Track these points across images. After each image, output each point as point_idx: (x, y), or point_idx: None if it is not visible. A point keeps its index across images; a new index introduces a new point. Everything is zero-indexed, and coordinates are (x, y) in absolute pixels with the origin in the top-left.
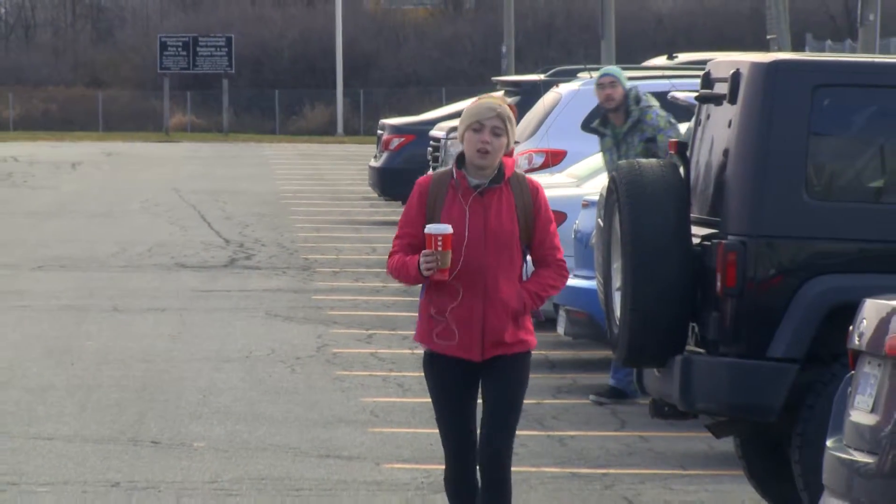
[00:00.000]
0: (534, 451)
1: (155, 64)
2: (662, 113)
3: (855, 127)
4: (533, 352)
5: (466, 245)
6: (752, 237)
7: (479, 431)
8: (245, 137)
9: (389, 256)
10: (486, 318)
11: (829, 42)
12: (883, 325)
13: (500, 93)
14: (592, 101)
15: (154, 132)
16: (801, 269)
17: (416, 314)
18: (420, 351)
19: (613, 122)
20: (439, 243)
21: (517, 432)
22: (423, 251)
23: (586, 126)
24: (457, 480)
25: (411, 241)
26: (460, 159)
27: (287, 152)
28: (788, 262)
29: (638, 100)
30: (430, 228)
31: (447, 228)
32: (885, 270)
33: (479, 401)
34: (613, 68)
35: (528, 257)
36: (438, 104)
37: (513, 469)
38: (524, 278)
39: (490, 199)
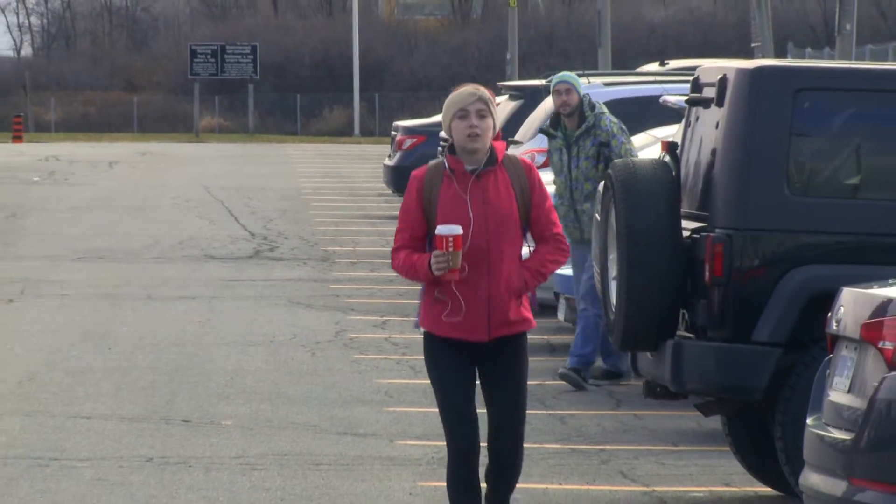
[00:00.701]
0: (536, 429)
1: (185, 70)
2: (614, 120)
3: (833, 128)
4: (535, 336)
5: (472, 227)
6: (738, 230)
7: (489, 416)
8: (269, 138)
9: (393, 252)
10: (491, 297)
11: (808, 49)
12: (858, 312)
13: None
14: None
15: (185, 133)
16: (783, 260)
17: None
18: None
19: (566, 125)
20: (450, 244)
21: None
22: (434, 252)
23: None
24: (460, 480)
25: (412, 233)
26: (451, 149)
27: (308, 152)
28: (771, 253)
29: (592, 106)
30: (441, 230)
31: (457, 229)
32: (861, 261)
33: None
34: (570, 75)
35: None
36: None
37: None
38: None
39: (487, 181)
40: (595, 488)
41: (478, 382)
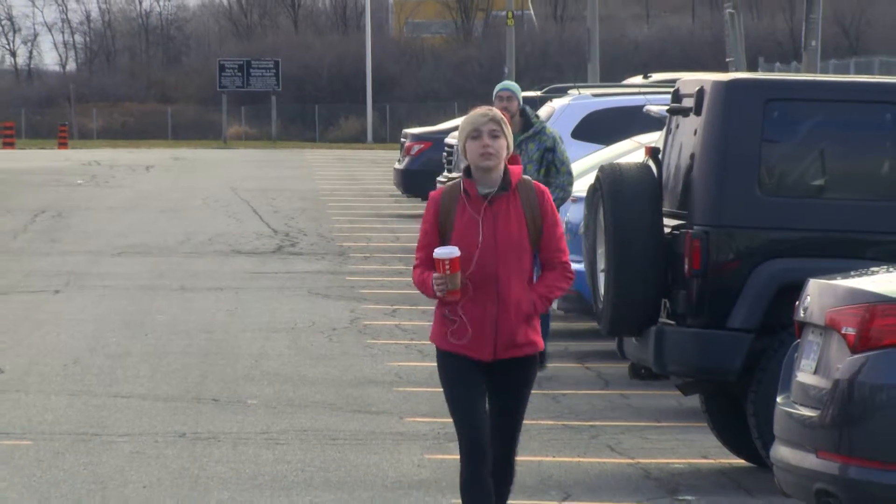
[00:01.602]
0: (532, 407)
1: (215, 83)
2: (553, 128)
3: (800, 134)
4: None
5: (479, 251)
6: (715, 227)
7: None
8: (290, 144)
9: (413, 269)
10: (498, 321)
11: (777, 64)
12: (824, 301)
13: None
14: (581, 113)
15: (214, 140)
16: (755, 254)
17: None
18: None
19: None
20: (447, 267)
21: None
22: (434, 274)
23: (581, 134)
24: (473, 485)
25: (429, 252)
26: (467, 171)
27: (325, 157)
28: (744, 248)
29: (538, 115)
30: (438, 253)
31: (454, 252)
32: (826, 255)
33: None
34: (512, 84)
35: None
36: (452, 116)
37: None
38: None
39: (499, 206)
40: (585, 461)
41: None
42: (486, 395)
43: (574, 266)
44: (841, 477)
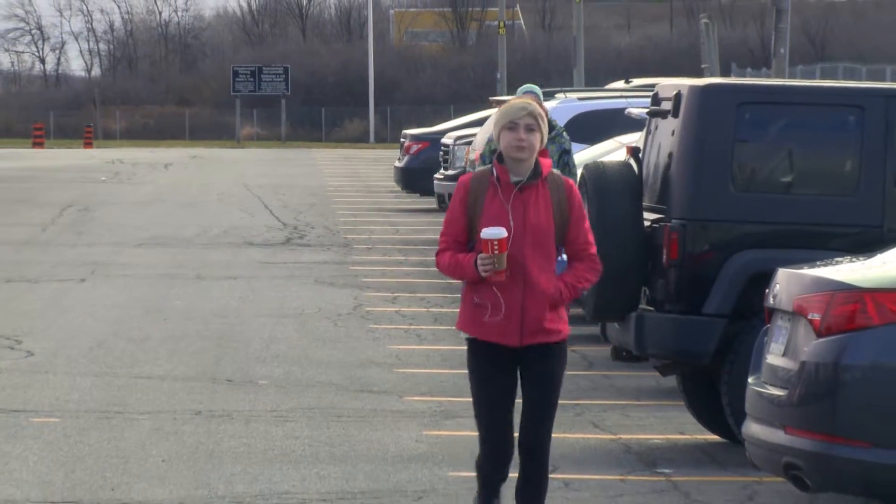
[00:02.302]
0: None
1: (229, 88)
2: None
3: (770, 135)
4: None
5: (510, 237)
6: (691, 221)
7: (522, 408)
8: (298, 144)
9: (438, 254)
10: (525, 307)
11: (749, 70)
12: (792, 289)
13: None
14: (567, 115)
15: (228, 140)
16: (728, 246)
17: (431, 280)
18: (435, 309)
19: None
20: (495, 247)
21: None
22: (480, 255)
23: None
24: (490, 470)
25: (457, 237)
26: (500, 157)
27: (331, 156)
28: (718, 240)
29: (553, 119)
30: (486, 233)
31: (502, 232)
32: (794, 246)
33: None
34: (535, 87)
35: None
36: (448, 118)
37: None
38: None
39: (529, 195)
40: (571, 436)
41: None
42: (516, 387)
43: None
44: (807, 451)
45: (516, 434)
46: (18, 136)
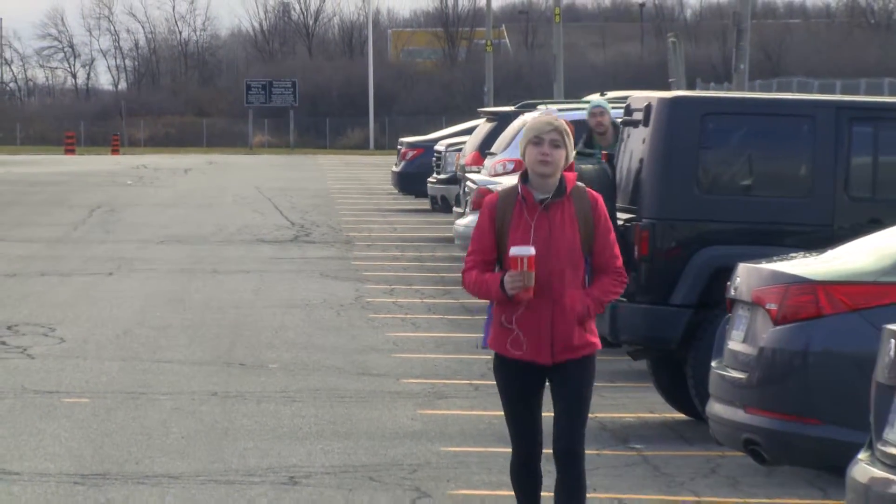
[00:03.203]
0: None
1: (242, 100)
2: None
3: (731, 142)
4: None
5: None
6: (660, 220)
7: (554, 418)
8: (305, 151)
9: (465, 272)
10: (554, 324)
11: (712, 84)
12: (751, 282)
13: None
14: None
15: (241, 148)
16: (693, 243)
17: (426, 274)
18: (429, 300)
19: (600, 143)
20: (524, 264)
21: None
22: (509, 272)
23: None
24: (523, 472)
25: (484, 257)
26: (524, 176)
27: (334, 161)
28: (685, 237)
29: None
30: (515, 251)
31: (531, 250)
32: (753, 243)
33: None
34: (603, 101)
35: None
36: (440, 127)
37: (483, 385)
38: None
39: (554, 212)
40: (550, 415)
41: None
42: (543, 395)
43: None
44: (765, 428)
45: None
46: (52, 144)
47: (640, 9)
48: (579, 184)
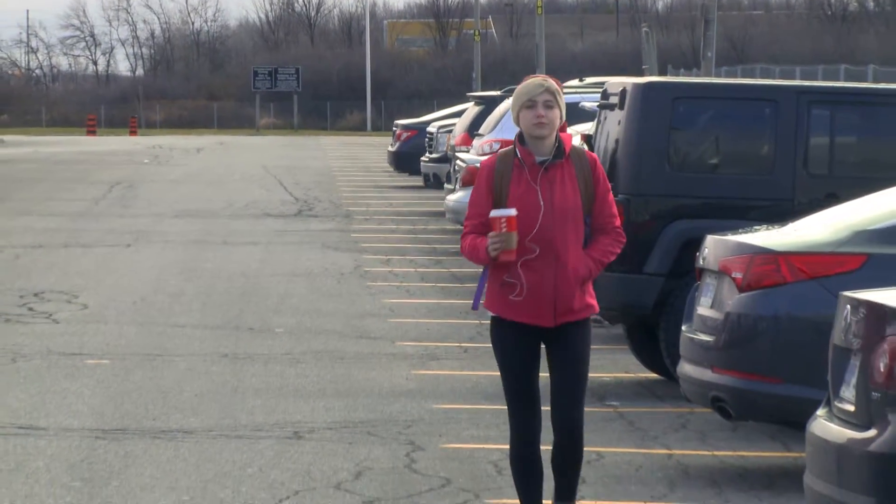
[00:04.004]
0: (484, 329)
1: (250, 85)
2: None
3: (699, 124)
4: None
5: (540, 218)
6: (634, 195)
7: (551, 384)
8: (308, 133)
9: (462, 237)
10: (557, 286)
11: (682, 70)
12: (718, 253)
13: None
14: None
15: (249, 129)
16: (665, 216)
17: (419, 245)
18: (422, 269)
19: None
20: (503, 225)
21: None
22: (490, 234)
23: None
24: (525, 455)
25: (481, 220)
26: (520, 138)
27: (335, 142)
28: (657, 211)
29: None
30: (494, 212)
31: (511, 211)
32: (720, 217)
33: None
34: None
35: None
36: (432, 110)
37: (472, 347)
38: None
39: (554, 173)
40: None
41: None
42: (539, 359)
43: None
44: (730, 387)
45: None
46: (75, 126)
47: (615, 1)
48: (576, 144)
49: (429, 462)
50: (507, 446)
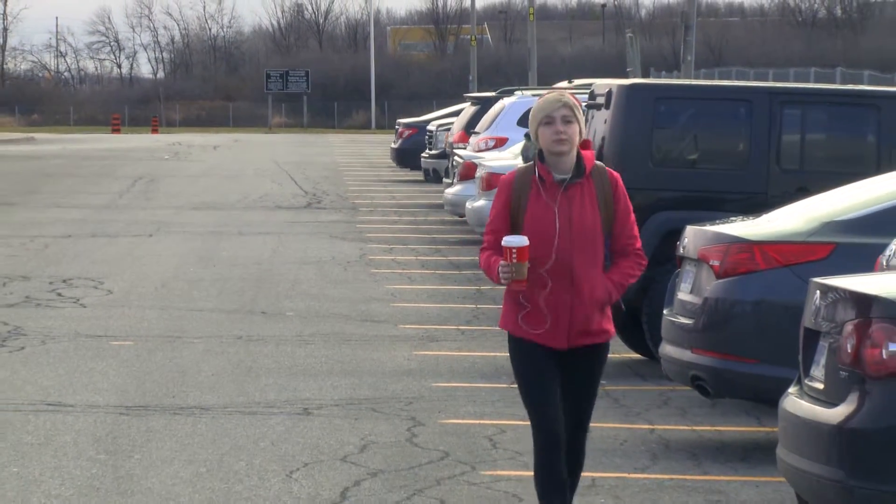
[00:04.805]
0: (483, 317)
1: (263, 87)
2: None
3: (679, 123)
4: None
5: (557, 239)
6: None
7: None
8: (317, 131)
9: (481, 251)
10: (573, 308)
11: (663, 73)
12: (697, 242)
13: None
14: (524, 108)
15: (262, 127)
16: (648, 208)
17: (419, 235)
18: (423, 258)
19: None
20: (514, 256)
21: None
22: (501, 262)
23: (523, 123)
24: (546, 469)
25: (498, 236)
26: (540, 155)
27: (341, 140)
28: (640, 204)
29: None
30: (507, 241)
31: (522, 241)
32: (698, 209)
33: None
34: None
35: None
36: (431, 110)
37: (469, 330)
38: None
39: (574, 193)
40: None
41: None
42: (559, 375)
43: None
44: (708, 366)
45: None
46: (100, 125)
47: (601, 8)
48: (598, 163)
49: (429, 436)
50: (503, 422)
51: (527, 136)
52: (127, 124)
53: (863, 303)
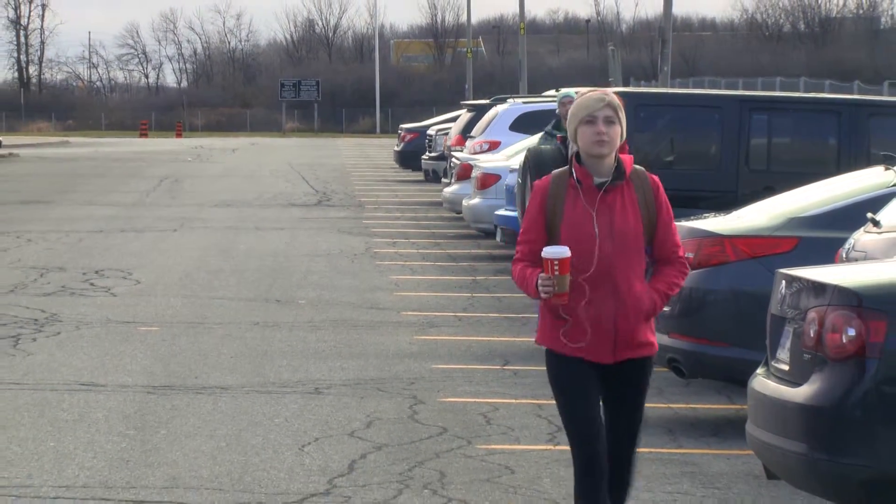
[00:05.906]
0: (482, 305)
1: (277, 95)
2: None
3: (658, 127)
4: (481, 251)
5: (597, 246)
6: None
7: (606, 426)
8: (327, 135)
9: (513, 262)
10: (617, 318)
11: (642, 82)
12: (680, 236)
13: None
14: (515, 114)
15: (276, 132)
16: None
17: (420, 230)
18: (423, 251)
19: (566, 127)
20: (555, 268)
21: None
22: (540, 274)
23: (515, 128)
24: (587, 493)
25: (533, 246)
26: (578, 157)
27: (349, 143)
28: None
29: None
30: (547, 252)
31: (564, 252)
32: (674, 206)
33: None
34: (572, 91)
35: None
36: (431, 116)
37: (466, 317)
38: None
39: (614, 197)
40: (519, 339)
41: None
42: (600, 391)
43: (512, 213)
44: (684, 349)
45: None
46: (129, 130)
47: (586, 24)
48: (637, 166)
49: (428, 413)
50: (497, 400)
51: (546, 133)
52: (153, 129)
53: (824, 292)
